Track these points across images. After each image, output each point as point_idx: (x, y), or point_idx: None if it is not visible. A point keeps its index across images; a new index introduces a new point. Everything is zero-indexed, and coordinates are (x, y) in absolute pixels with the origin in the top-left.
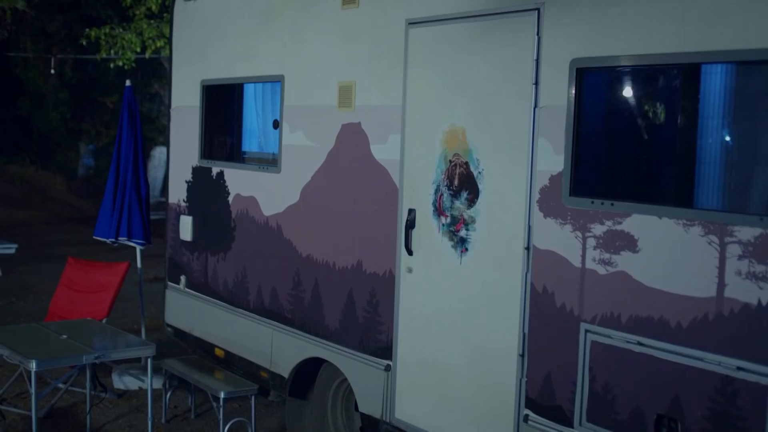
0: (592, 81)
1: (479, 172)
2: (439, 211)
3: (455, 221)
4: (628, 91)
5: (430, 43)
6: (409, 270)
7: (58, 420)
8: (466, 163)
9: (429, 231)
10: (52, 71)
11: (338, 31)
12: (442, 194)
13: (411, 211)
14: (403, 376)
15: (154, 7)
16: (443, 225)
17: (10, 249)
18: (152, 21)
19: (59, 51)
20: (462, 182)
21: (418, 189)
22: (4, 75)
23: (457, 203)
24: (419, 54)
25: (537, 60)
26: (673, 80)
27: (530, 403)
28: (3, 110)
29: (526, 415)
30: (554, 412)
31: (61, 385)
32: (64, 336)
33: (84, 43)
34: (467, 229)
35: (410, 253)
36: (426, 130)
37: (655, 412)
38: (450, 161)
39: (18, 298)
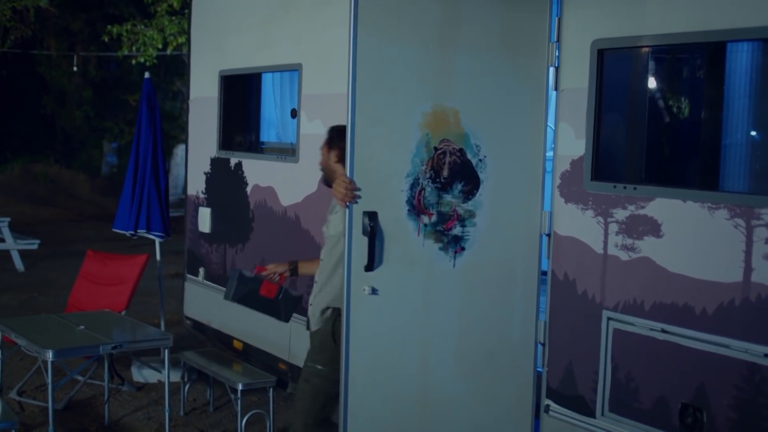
0: (614, 62)
1: (480, 160)
2: (419, 209)
3: (445, 219)
4: (651, 72)
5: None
6: (372, 291)
7: (76, 412)
8: (461, 150)
9: (401, 237)
10: (75, 69)
11: None
12: (422, 189)
13: (371, 216)
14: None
15: (175, 4)
16: (425, 225)
17: (32, 245)
18: (173, 17)
19: (82, 49)
20: (455, 172)
21: (382, 187)
22: (29, 74)
23: (448, 198)
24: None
25: (557, 41)
26: (697, 60)
27: (551, 393)
28: (27, 109)
29: (548, 406)
30: (576, 402)
31: (79, 378)
32: (82, 327)
33: (106, 39)
34: (463, 226)
35: (370, 269)
36: (395, 113)
37: (679, 401)
38: (435, 149)
39: (39, 292)
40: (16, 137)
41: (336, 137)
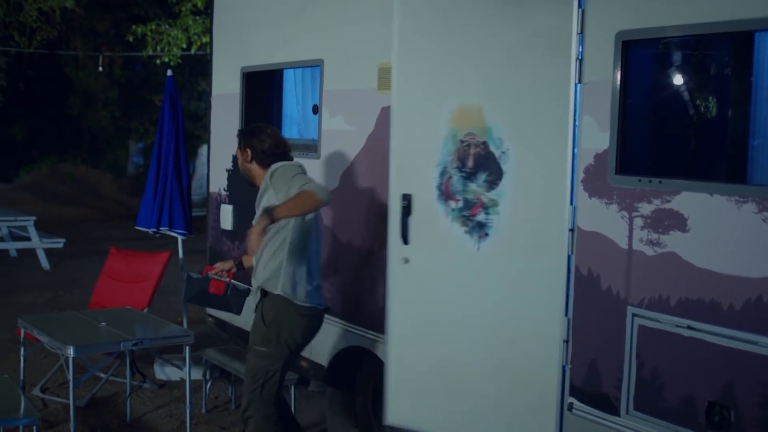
0: (639, 54)
1: (502, 152)
2: (446, 195)
3: (470, 205)
4: (676, 64)
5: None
6: (406, 260)
7: (99, 409)
8: (485, 143)
9: (432, 217)
10: (100, 68)
11: (377, 12)
12: (450, 177)
13: (406, 197)
14: (397, 375)
15: (199, 3)
16: (453, 210)
17: (58, 243)
18: (197, 17)
19: (108, 50)
20: (479, 163)
21: (415, 173)
22: (55, 74)
23: (473, 186)
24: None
25: (581, 33)
26: (724, 50)
27: (575, 391)
28: (54, 109)
29: (571, 404)
30: (600, 400)
31: (102, 375)
32: (103, 323)
33: (130, 39)
34: (487, 213)
35: (406, 242)
36: (428, 110)
37: (706, 400)
38: (461, 141)
39: (65, 291)
40: (43, 138)
41: (246, 138)
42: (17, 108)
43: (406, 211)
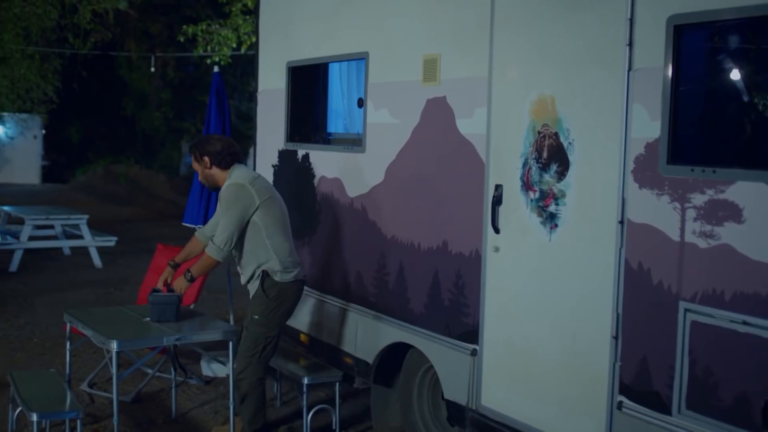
0: (691, 39)
1: (569, 143)
2: (527, 185)
3: (544, 196)
4: (730, 48)
5: (518, 7)
6: (496, 249)
7: (145, 404)
8: (556, 134)
9: (517, 207)
10: (152, 69)
11: (422, 2)
12: (530, 168)
13: (498, 187)
14: (490, 361)
15: (249, 3)
16: (531, 200)
17: (110, 242)
18: (247, 17)
19: (161, 52)
20: (551, 154)
21: (506, 163)
22: (109, 76)
23: (546, 177)
24: (506, 20)
25: (631, 19)
26: None
27: (625, 389)
28: (108, 111)
29: (620, 402)
30: (650, 399)
31: (148, 370)
32: (147, 318)
33: (181, 39)
34: (557, 204)
35: (497, 231)
36: (513, 101)
37: (762, 398)
38: (539, 132)
39: (115, 288)
40: (98, 139)
41: (199, 149)
42: (73, 110)
43: (497, 200)
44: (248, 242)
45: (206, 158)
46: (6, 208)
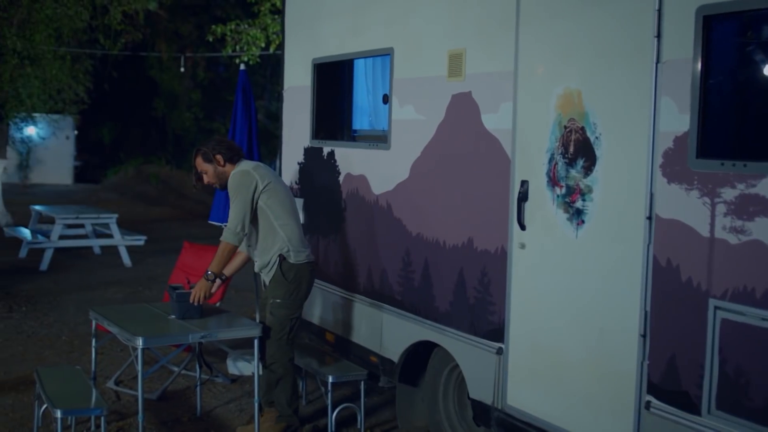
0: (721, 29)
1: (596, 138)
2: (553, 181)
3: (571, 192)
4: (762, 39)
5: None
6: (522, 246)
7: (170, 402)
8: (582, 128)
9: (543, 203)
10: (182, 69)
11: None
12: (556, 163)
13: (524, 183)
14: (516, 360)
15: (278, 3)
16: (558, 196)
17: (139, 240)
18: (276, 17)
19: (191, 52)
20: (578, 149)
21: (531, 159)
22: (140, 77)
23: (573, 172)
24: (531, 13)
25: (659, 10)
26: None
27: (653, 389)
28: (140, 112)
29: (648, 402)
30: (679, 399)
31: (174, 368)
32: (173, 316)
33: (210, 39)
34: (583, 200)
35: (523, 227)
36: (539, 95)
37: None
38: (565, 127)
39: (144, 286)
40: (129, 139)
41: (211, 149)
42: (104, 110)
43: (523, 196)
44: (261, 230)
45: (219, 156)
46: (38, 207)
